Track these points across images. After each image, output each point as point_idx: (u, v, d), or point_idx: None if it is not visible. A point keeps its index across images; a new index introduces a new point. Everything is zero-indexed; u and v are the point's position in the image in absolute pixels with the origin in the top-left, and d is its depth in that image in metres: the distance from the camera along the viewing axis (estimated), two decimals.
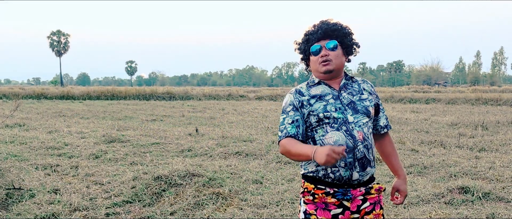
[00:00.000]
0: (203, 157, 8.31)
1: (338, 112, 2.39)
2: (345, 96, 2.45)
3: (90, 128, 12.70)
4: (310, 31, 2.50)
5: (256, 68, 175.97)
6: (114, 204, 5.27)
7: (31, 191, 5.70)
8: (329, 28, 2.45)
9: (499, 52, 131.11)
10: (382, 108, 2.63)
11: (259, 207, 5.18)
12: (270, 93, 37.24)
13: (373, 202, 2.45)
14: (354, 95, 2.47)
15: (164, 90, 35.52)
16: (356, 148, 2.35)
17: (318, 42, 2.46)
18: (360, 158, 2.37)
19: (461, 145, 9.53)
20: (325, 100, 2.43)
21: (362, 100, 2.47)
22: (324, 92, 2.47)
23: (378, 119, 2.62)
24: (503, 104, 24.31)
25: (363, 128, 2.39)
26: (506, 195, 5.59)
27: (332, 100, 2.43)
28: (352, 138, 2.35)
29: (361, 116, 2.42)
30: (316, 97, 2.45)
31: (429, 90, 46.61)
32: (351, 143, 2.35)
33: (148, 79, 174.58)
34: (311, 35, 2.48)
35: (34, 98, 31.27)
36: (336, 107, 2.41)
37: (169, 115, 18.30)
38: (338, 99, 2.44)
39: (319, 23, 2.50)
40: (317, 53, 2.46)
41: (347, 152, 2.34)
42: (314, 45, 2.47)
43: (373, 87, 2.60)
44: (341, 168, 2.36)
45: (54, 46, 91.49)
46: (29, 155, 8.36)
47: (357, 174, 2.37)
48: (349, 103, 2.43)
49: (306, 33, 2.52)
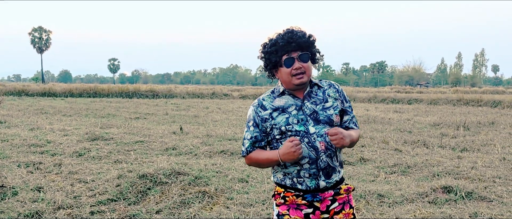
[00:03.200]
0: (188, 156, 8.28)
1: (299, 124, 2.41)
2: (308, 106, 2.45)
3: (72, 126, 12.56)
4: (280, 43, 2.40)
5: (240, 67, 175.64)
6: (99, 202, 5.22)
7: (14, 188, 5.62)
8: (302, 41, 2.41)
9: (480, 54, 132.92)
10: (350, 112, 2.58)
11: (245, 205, 5.18)
12: (254, 92, 37.24)
13: (342, 202, 2.50)
14: (317, 105, 2.46)
15: (147, 88, 35.26)
16: (319, 158, 2.40)
17: (290, 54, 2.40)
18: (324, 167, 2.42)
19: (444, 145, 9.65)
20: (287, 112, 2.45)
21: (325, 109, 2.45)
22: (287, 103, 2.47)
23: (345, 121, 2.56)
24: (483, 105, 24.64)
25: (325, 137, 2.40)
26: (488, 194, 5.67)
27: (294, 112, 2.44)
28: (314, 149, 2.40)
29: (322, 125, 2.42)
30: (279, 109, 2.46)
31: (411, 91, 47.01)
32: (313, 155, 2.40)
33: (131, 77, 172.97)
34: (281, 46, 2.40)
35: (15, 95, 30.80)
36: (298, 119, 2.42)
37: (152, 113, 18.18)
38: (301, 110, 2.44)
39: (289, 33, 2.41)
40: (291, 65, 2.41)
41: (310, 163, 2.40)
42: (287, 58, 2.40)
43: (339, 91, 2.55)
44: (307, 179, 2.43)
45: (35, 42, 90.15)
46: (11, 152, 8.23)
47: (323, 182, 2.43)
48: (312, 114, 2.43)
49: (274, 43, 2.43)
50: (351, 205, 2.54)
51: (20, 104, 21.61)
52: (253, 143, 2.51)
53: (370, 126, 13.75)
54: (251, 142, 2.51)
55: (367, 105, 26.33)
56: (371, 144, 9.76)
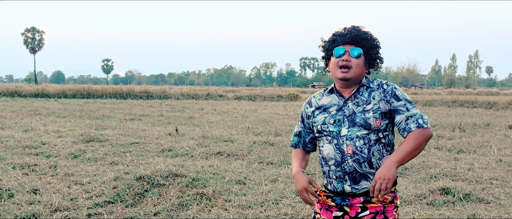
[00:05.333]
0: (184, 157, 8.25)
1: (334, 125, 2.40)
2: (349, 107, 2.39)
3: (67, 127, 12.48)
4: (338, 33, 2.42)
5: (234, 68, 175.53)
6: (96, 205, 5.18)
7: (10, 190, 5.57)
8: (359, 35, 2.38)
9: (474, 55, 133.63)
10: (404, 111, 2.34)
11: (244, 207, 5.16)
12: (249, 93, 37.18)
13: (374, 212, 2.37)
14: (358, 106, 2.38)
15: (141, 89, 35.16)
16: (344, 162, 2.36)
17: (344, 46, 2.38)
18: (349, 172, 2.36)
19: (440, 147, 9.67)
20: (328, 111, 2.45)
21: (365, 112, 2.35)
22: (330, 103, 2.46)
23: (397, 123, 2.38)
24: (478, 106, 24.74)
25: (355, 141, 2.34)
26: (486, 196, 5.68)
27: (334, 112, 2.42)
28: (340, 152, 2.36)
29: (357, 128, 2.35)
30: (321, 108, 2.49)
31: (406, 92, 47.17)
32: (339, 157, 2.37)
33: (125, 77, 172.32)
34: (339, 36, 2.40)
35: (7, 96, 30.61)
36: (335, 119, 2.41)
37: (147, 114, 18.12)
38: (341, 110, 2.41)
39: (350, 27, 2.42)
40: (340, 56, 2.38)
41: (336, 166, 2.38)
42: (339, 48, 2.38)
43: (386, 90, 2.38)
44: (334, 181, 2.42)
45: (28, 43, 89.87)
46: (5, 154, 8.17)
47: (349, 187, 2.38)
48: (350, 115, 2.38)
49: (334, 34, 2.44)
50: (387, 216, 2.37)
51: (13, 106, 21.47)
52: (298, 136, 2.66)
53: None
54: (296, 135, 2.68)
55: None
56: None
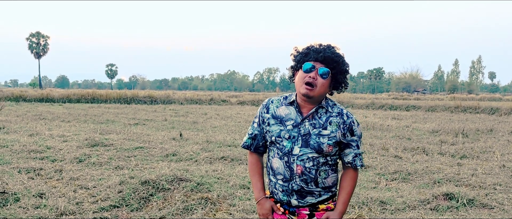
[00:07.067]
0: (188, 162, 8.28)
1: (289, 141, 2.41)
2: (305, 126, 2.41)
3: (72, 131, 12.54)
4: (313, 48, 2.43)
5: (237, 73, 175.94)
6: (101, 209, 5.22)
7: (16, 194, 5.61)
8: (331, 57, 2.38)
9: (477, 61, 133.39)
10: (354, 147, 2.46)
11: (248, 212, 5.18)
12: (252, 98, 37.26)
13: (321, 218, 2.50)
14: (314, 128, 2.40)
15: (145, 94, 35.32)
16: (292, 180, 2.41)
17: (315, 63, 2.39)
18: (296, 190, 2.43)
19: (443, 152, 9.68)
20: (284, 125, 2.44)
21: (320, 136, 2.38)
22: (288, 116, 2.45)
23: (345, 154, 2.48)
24: (481, 112, 24.73)
25: (305, 162, 2.38)
26: (490, 201, 5.69)
27: (290, 127, 2.43)
28: (290, 170, 2.41)
29: (309, 150, 2.38)
30: (277, 119, 2.48)
31: (409, 98, 47.17)
32: (287, 174, 2.42)
33: (129, 82, 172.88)
34: (313, 52, 2.41)
35: (12, 100, 30.73)
36: (290, 135, 2.42)
37: (151, 119, 18.17)
38: (297, 127, 2.42)
39: (326, 45, 2.44)
40: (307, 71, 2.38)
41: (284, 181, 2.44)
42: (309, 63, 2.39)
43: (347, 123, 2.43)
44: (280, 193, 2.48)
45: (33, 48, 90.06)
46: (11, 158, 8.22)
47: (295, 201, 2.46)
48: (305, 135, 2.39)
49: (309, 47, 2.45)
50: None
51: (18, 110, 21.57)
52: (252, 139, 2.62)
53: (369, 132, 13.77)
54: (250, 137, 2.63)
55: (365, 112, 26.38)
56: (371, 151, 9.78)
